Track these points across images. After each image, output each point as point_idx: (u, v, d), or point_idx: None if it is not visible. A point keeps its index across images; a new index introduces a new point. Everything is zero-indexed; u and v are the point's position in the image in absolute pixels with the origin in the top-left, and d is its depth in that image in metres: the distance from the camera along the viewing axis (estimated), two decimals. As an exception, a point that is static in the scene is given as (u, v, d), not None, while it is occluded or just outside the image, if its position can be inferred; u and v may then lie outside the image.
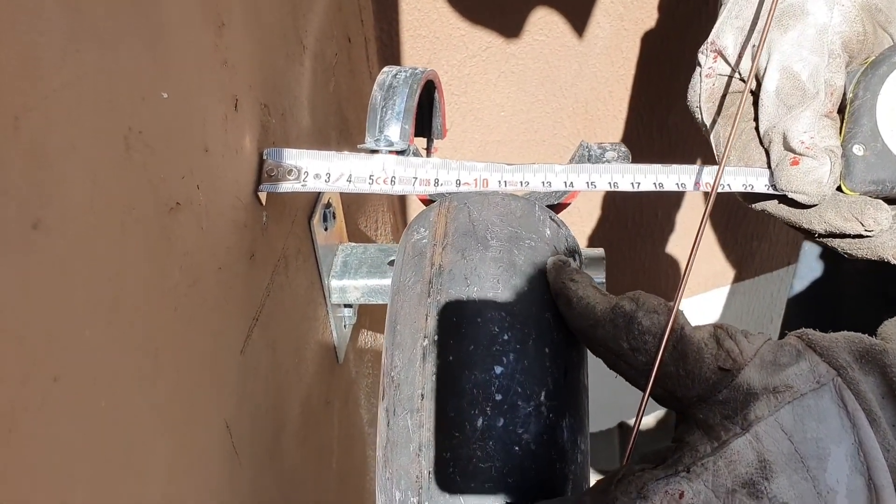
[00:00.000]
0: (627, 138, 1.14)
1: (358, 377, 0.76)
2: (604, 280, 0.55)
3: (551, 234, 0.46)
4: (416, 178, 0.48)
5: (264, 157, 0.48)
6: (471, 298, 0.42)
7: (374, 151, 0.60)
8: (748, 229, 1.38)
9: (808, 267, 1.14)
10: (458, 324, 0.42)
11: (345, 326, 0.69)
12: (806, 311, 1.19)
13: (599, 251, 0.58)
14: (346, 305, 0.68)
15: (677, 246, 1.35)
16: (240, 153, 0.45)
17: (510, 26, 1.01)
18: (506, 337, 0.42)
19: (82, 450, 0.30)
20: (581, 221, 1.27)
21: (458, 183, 0.48)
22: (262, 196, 0.48)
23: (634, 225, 1.30)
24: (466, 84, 1.05)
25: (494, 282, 0.43)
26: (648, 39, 1.04)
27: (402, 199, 1.07)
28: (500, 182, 0.48)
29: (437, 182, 0.48)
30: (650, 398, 0.39)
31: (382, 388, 0.43)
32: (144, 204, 0.35)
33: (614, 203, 1.25)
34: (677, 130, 1.13)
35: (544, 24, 1.01)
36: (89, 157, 0.30)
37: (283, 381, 0.54)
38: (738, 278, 1.51)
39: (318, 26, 0.63)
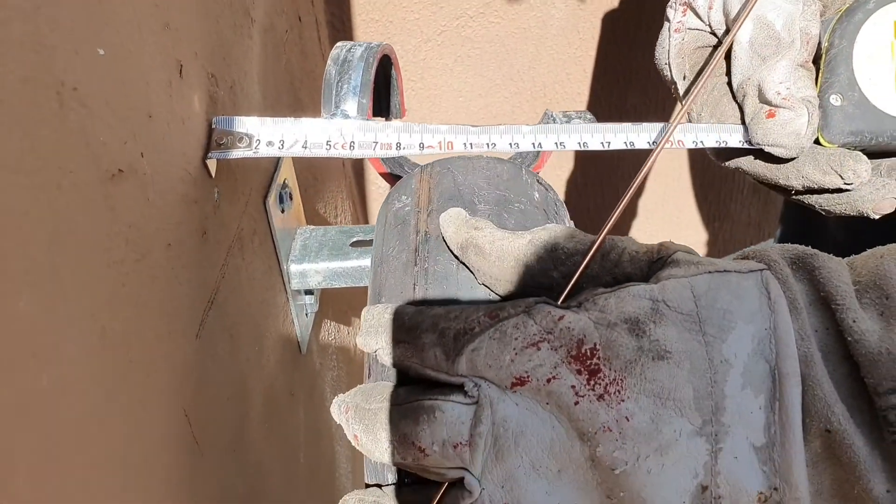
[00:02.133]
0: (587, 121, 1.13)
1: (322, 370, 0.73)
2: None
3: (540, 198, 0.44)
4: (376, 143, 0.46)
5: (213, 126, 0.45)
6: (460, 265, 0.40)
7: (330, 127, 0.57)
8: (710, 210, 1.38)
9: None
10: (448, 291, 0.40)
11: (306, 315, 0.66)
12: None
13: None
14: (307, 292, 0.65)
15: (657, 218, 1.35)
16: (187, 123, 0.43)
17: (465, 9, 0.99)
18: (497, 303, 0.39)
19: (23, 430, 0.27)
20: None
21: (422, 146, 0.46)
22: (212, 166, 0.45)
23: (609, 193, 1.29)
24: (423, 69, 1.03)
25: None
26: (605, 20, 1.03)
27: (361, 188, 1.05)
28: (465, 144, 0.46)
29: (398, 146, 0.46)
30: None
31: (368, 366, 0.40)
32: (83, 168, 0.32)
33: (584, 170, 1.24)
34: (636, 111, 1.12)
35: (499, 6, 1.00)
36: (17, 108, 0.28)
37: (243, 369, 0.51)
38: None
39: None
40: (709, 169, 1.24)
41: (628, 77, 1.09)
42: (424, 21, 0.99)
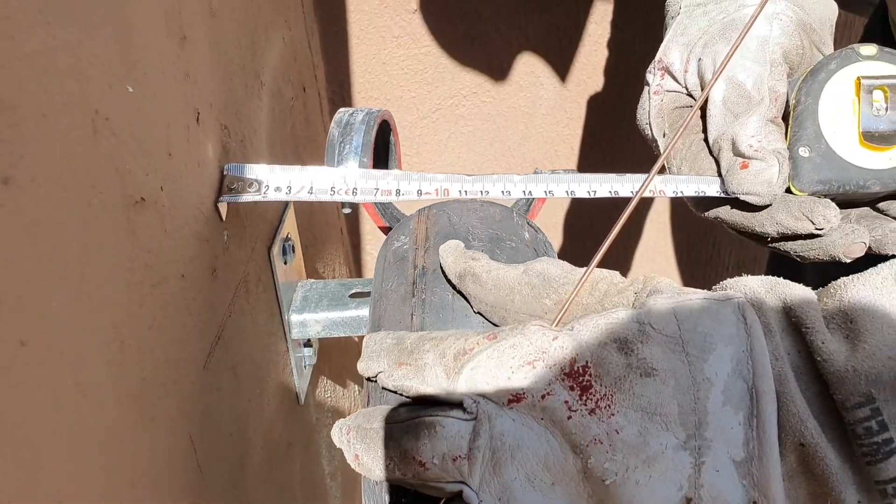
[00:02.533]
0: (576, 196, 1.17)
1: (319, 425, 0.75)
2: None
3: (530, 237, 0.47)
4: (377, 189, 0.49)
5: (225, 173, 0.48)
6: (456, 295, 0.43)
7: (332, 183, 0.61)
8: (699, 256, 1.41)
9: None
10: (444, 320, 0.42)
11: (305, 367, 0.68)
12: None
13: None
14: (306, 345, 0.67)
15: (649, 263, 1.37)
16: (202, 166, 0.46)
17: (458, 89, 1.04)
18: (491, 331, 0.42)
19: (49, 423, 0.29)
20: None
21: (420, 193, 0.49)
22: (223, 210, 0.48)
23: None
24: (419, 145, 1.08)
25: None
26: (590, 100, 1.08)
27: (357, 255, 1.08)
28: (460, 191, 0.49)
29: (398, 192, 0.49)
30: None
31: (367, 394, 0.42)
32: (111, 190, 0.35)
33: (578, 219, 1.27)
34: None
35: (491, 87, 1.05)
36: (58, 129, 0.31)
37: (245, 408, 0.53)
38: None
39: (274, 66, 0.64)
40: (697, 218, 1.28)
41: (613, 154, 1.14)
42: (420, 99, 1.04)
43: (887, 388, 0.33)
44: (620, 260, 1.34)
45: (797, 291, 0.37)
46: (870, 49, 0.49)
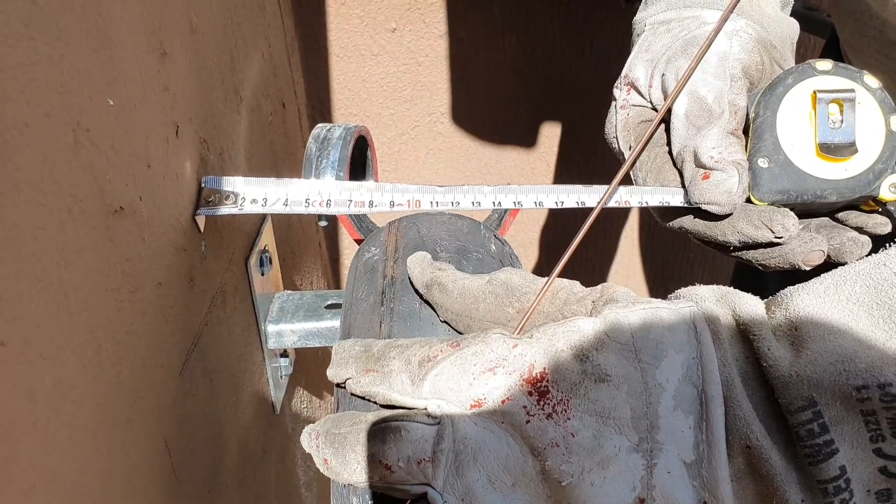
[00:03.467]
0: (549, 212, 1.19)
1: (294, 434, 0.76)
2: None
3: (496, 249, 0.49)
4: (350, 201, 0.50)
5: (202, 185, 0.49)
6: (423, 304, 0.44)
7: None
8: (669, 271, 1.43)
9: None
10: (412, 328, 0.43)
11: (281, 377, 0.69)
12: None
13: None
14: (282, 355, 0.68)
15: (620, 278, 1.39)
16: (180, 178, 0.47)
17: (437, 107, 1.06)
18: (456, 338, 0.43)
19: (26, 419, 0.30)
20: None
21: (392, 204, 0.50)
22: (201, 222, 0.49)
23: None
24: (397, 161, 1.09)
25: None
26: (565, 118, 1.10)
27: (336, 270, 1.09)
28: (431, 202, 0.51)
29: (371, 203, 0.50)
30: None
31: (337, 400, 0.43)
32: (90, 198, 0.36)
33: (554, 235, 1.29)
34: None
35: (468, 103, 1.07)
36: (40, 138, 0.32)
37: (220, 416, 0.54)
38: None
39: (254, 82, 0.66)
40: (670, 235, 1.30)
41: (589, 170, 1.16)
42: (399, 117, 1.06)
43: (828, 392, 0.34)
44: (596, 277, 1.36)
45: (746, 300, 0.39)
46: (825, 64, 0.52)
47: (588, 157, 1.14)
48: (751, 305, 0.38)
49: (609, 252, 1.30)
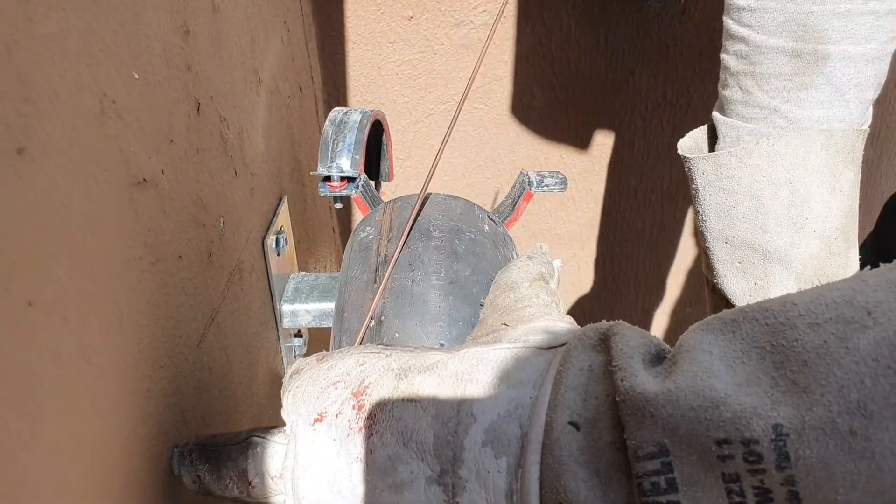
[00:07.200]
0: (561, 201, 1.20)
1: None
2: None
3: (490, 230, 0.50)
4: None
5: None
6: (415, 281, 0.45)
7: (326, 178, 0.63)
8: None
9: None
10: (402, 304, 0.44)
11: (295, 356, 0.69)
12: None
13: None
14: (296, 335, 0.69)
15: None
16: (201, 154, 0.48)
17: (451, 95, 1.07)
18: (446, 315, 0.44)
19: (52, 380, 0.31)
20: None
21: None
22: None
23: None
24: (411, 149, 1.10)
25: (437, 266, 0.46)
26: (579, 109, 1.11)
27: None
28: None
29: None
30: None
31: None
32: (115, 168, 0.37)
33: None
34: (610, 195, 1.19)
35: (483, 93, 1.07)
36: (69, 107, 0.33)
37: (236, 390, 0.55)
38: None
39: (273, 65, 0.67)
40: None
41: (601, 165, 1.16)
42: (413, 104, 1.07)
43: (683, 443, 0.26)
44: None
45: (623, 331, 0.32)
46: None
47: (601, 147, 1.14)
48: (624, 335, 0.31)
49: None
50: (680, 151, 0.62)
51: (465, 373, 0.34)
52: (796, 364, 0.25)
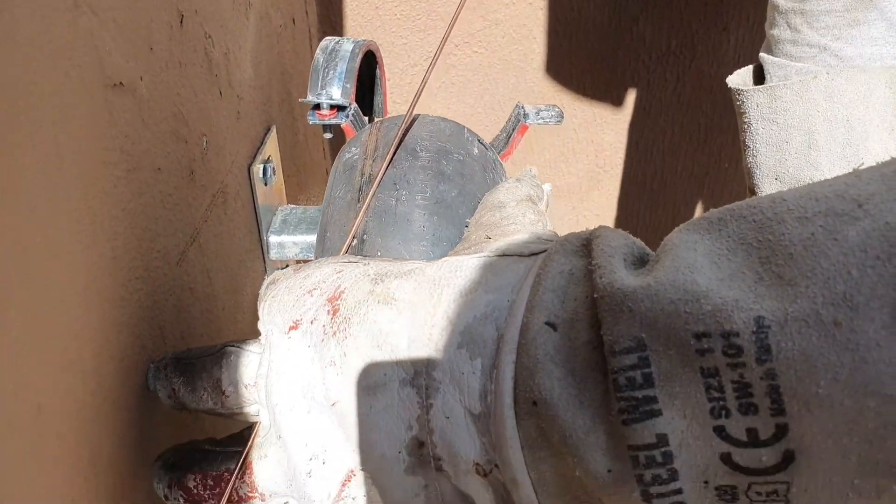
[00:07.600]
0: (561, 152, 1.18)
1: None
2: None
3: (479, 153, 0.49)
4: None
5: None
6: (399, 201, 0.44)
7: (316, 106, 0.62)
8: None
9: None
10: (385, 223, 0.44)
11: (282, 290, 0.69)
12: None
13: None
14: (284, 268, 0.68)
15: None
16: (183, 67, 0.47)
17: (451, 38, 1.05)
18: (430, 235, 0.43)
19: (17, 277, 0.30)
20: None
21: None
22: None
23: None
24: (409, 93, 1.08)
25: (422, 186, 0.45)
26: (581, 56, 1.09)
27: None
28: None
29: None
30: None
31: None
32: (89, 67, 0.35)
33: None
34: (612, 147, 1.18)
35: (483, 37, 1.06)
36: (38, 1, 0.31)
37: (219, 315, 0.54)
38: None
39: (263, -11, 0.65)
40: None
41: (604, 114, 1.15)
42: (412, 46, 1.05)
43: (661, 337, 0.25)
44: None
45: (605, 233, 0.31)
46: None
47: (603, 96, 1.13)
48: (605, 237, 0.30)
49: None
50: (731, 85, 0.61)
51: (443, 278, 0.34)
52: (782, 257, 0.24)
